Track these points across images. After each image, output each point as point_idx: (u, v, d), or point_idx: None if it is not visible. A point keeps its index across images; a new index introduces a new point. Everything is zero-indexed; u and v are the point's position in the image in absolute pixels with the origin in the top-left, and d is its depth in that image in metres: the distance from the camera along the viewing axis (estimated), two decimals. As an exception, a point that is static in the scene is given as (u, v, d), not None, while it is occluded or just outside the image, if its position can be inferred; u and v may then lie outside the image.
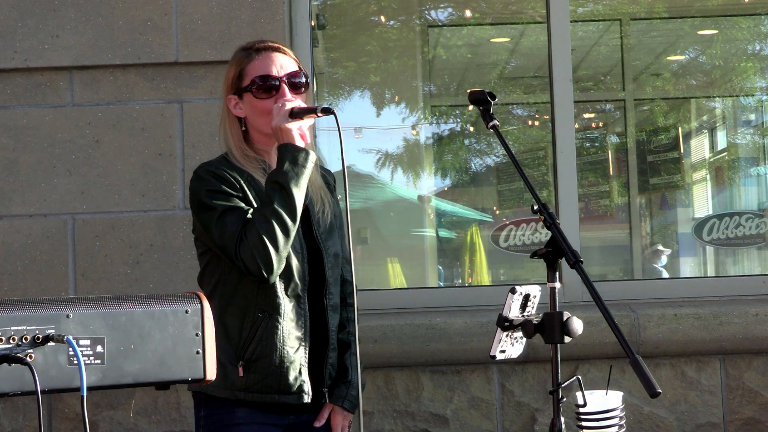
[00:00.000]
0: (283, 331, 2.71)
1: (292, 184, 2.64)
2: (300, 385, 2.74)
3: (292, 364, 2.72)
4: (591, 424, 2.34)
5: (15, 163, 4.00)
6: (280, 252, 2.63)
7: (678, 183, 7.62)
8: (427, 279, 7.53)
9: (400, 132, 7.99)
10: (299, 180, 2.66)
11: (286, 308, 2.72)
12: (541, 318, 2.37)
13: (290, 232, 2.64)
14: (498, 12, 7.56)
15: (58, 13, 4.01)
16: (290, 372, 2.72)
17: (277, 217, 2.62)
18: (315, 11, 4.70)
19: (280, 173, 2.66)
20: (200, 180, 2.74)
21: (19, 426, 3.92)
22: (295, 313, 2.74)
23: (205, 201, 2.71)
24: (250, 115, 2.80)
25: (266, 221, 2.62)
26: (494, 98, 2.61)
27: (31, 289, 3.95)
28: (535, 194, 2.44)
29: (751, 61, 7.94)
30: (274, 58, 2.81)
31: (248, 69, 2.79)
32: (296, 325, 2.74)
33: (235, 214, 2.67)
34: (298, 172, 2.66)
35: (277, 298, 2.70)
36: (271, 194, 2.65)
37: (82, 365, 1.81)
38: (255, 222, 2.63)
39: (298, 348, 2.74)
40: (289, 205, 2.64)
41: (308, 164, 2.68)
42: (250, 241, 2.61)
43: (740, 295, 4.20)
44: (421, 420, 3.98)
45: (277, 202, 2.63)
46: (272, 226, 2.61)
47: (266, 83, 2.77)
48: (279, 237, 2.62)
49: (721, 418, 4.02)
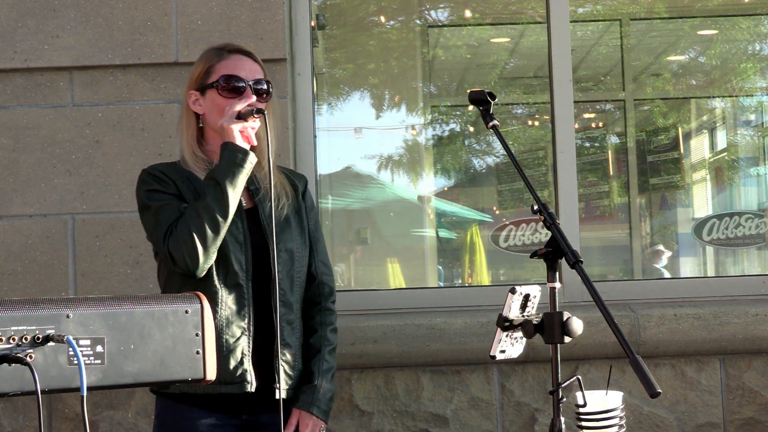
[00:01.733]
0: (220, 319, 2.72)
1: (226, 182, 2.68)
2: (242, 373, 2.73)
3: (232, 353, 2.72)
4: (591, 424, 2.34)
5: (15, 163, 4.00)
6: (208, 247, 2.67)
7: (678, 183, 7.62)
8: (427, 279, 7.53)
9: (400, 132, 7.99)
10: (235, 179, 2.69)
11: (224, 297, 2.73)
12: (541, 318, 2.36)
13: (220, 228, 2.68)
14: (498, 12, 7.56)
15: (58, 13, 4.02)
16: (230, 360, 2.72)
17: (207, 212, 2.66)
18: (315, 11, 4.70)
19: (218, 170, 2.71)
20: (141, 182, 2.84)
21: (19, 426, 3.92)
22: (237, 302, 2.75)
23: (144, 200, 2.79)
24: (208, 113, 2.85)
25: (197, 216, 2.67)
26: (494, 98, 2.61)
27: (31, 289, 3.95)
28: (535, 194, 2.44)
29: (751, 61, 7.94)
30: (244, 62, 2.86)
31: (217, 67, 2.85)
32: (238, 315, 2.74)
33: (169, 210, 2.73)
34: (235, 171, 2.70)
35: (213, 287, 2.72)
36: (206, 190, 2.70)
37: (82, 365, 1.81)
38: (186, 216, 2.69)
39: (240, 337, 2.74)
40: (222, 202, 2.67)
41: (246, 164, 2.72)
42: (179, 234, 2.67)
43: (740, 295, 4.20)
44: (421, 420, 3.98)
45: (210, 198, 2.68)
46: (201, 221, 2.66)
47: (232, 83, 2.81)
48: (207, 232, 2.65)
49: (721, 418, 4.02)
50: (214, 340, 2.03)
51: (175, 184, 2.80)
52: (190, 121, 2.89)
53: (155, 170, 2.85)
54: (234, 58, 2.87)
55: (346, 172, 7.48)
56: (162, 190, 2.79)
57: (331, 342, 2.95)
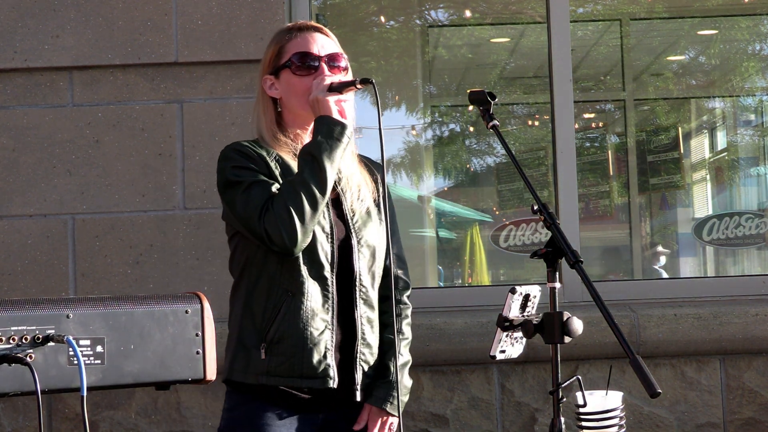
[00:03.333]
0: (306, 311, 2.60)
1: (324, 156, 2.55)
2: (325, 368, 2.61)
3: (316, 346, 2.60)
4: (591, 424, 2.34)
5: (15, 163, 4.00)
6: (306, 224, 2.54)
7: (678, 183, 7.62)
8: (427, 279, 7.53)
9: (401, 132, 7.99)
10: (333, 153, 2.57)
11: (310, 288, 2.61)
12: (541, 318, 2.36)
13: (318, 205, 2.55)
14: (498, 12, 7.56)
15: (58, 13, 4.01)
16: (314, 354, 2.60)
17: (305, 188, 2.54)
18: (315, 11, 4.70)
19: (314, 144, 2.58)
20: (226, 158, 2.68)
21: (19, 426, 3.92)
22: (322, 295, 2.63)
23: (230, 177, 2.64)
24: (285, 95, 2.72)
25: (294, 191, 2.54)
26: (494, 98, 2.61)
27: (31, 289, 3.95)
28: (535, 194, 2.44)
29: (751, 61, 7.94)
30: (315, 38, 2.74)
31: (288, 46, 2.72)
32: (322, 308, 2.63)
33: (261, 187, 2.59)
34: (332, 145, 2.57)
35: (301, 277, 2.60)
36: (302, 165, 2.57)
37: (82, 365, 1.81)
38: (283, 192, 2.56)
39: (324, 330, 2.62)
40: (320, 177, 2.55)
41: (344, 138, 2.60)
42: (276, 210, 2.53)
43: (740, 295, 4.20)
44: (421, 420, 3.98)
45: (307, 173, 2.55)
46: (300, 197, 2.53)
47: (306, 61, 2.69)
48: (306, 208, 2.53)
49: (721, 418, 4.02)
50: (213, 337, 2.03)
51: (264, 161, 2.65)
52: (267, 107, 2.74)
53: (242, 146, 2.67)
54: (304, 35, 2.73)
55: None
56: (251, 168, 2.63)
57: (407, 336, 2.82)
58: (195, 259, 3.99)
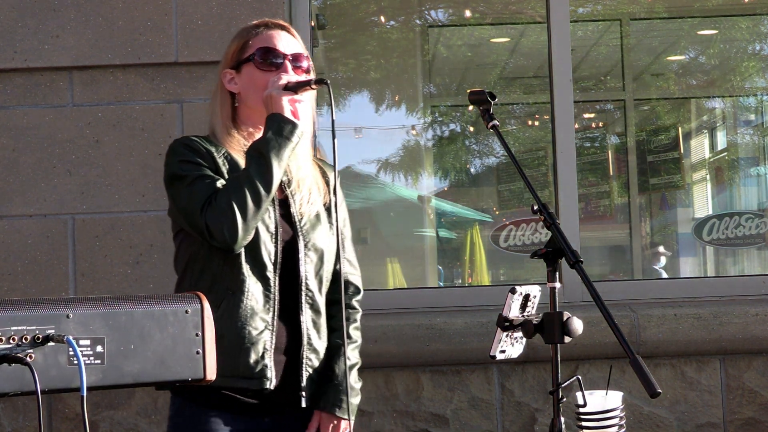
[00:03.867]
0: (245, 309, 2.58)
1: (272, 154, 2.55)
2: (261, 369, 2.59)
3: (254, 346, 2.58)
4: (591, 424, 2.34)
5: (15, 163, 4.00)
6: (248, 221, 2.53)
7: (678, 183, 7.63)
8: (427, 279, 7.54)
9: (400, 132, 8.00)
10: (281, 151, 2.56)
11: (252, 288, 2.59)
12: (541, 318, 2.36)
13: (262, 202, 2.54)
14: (498, 12, 7.57)
15: (58, 13, 4.02)
16: (251, 353, 2.58)
17: (250, 184, 2.53)
18: (315, 11, 4.70)
19: (262, 141, 2.57)
20: (173, 152, 2.67)
21: (19, 426, 3.92)
22: (263, 295, 2.61)
23: (175, 171, 2.63)
24: (244, 90, 2.71)
25: (238, 187, 2.53)
26: (494, 98, 2.61)
27: (31, 289, 3.95)
28: (535, 194, 2.44)
29: (751, 61, 7.94)
30: (281, 36, 2.74)
31: (253, 42, 2.71)
32: (263, 308, 2.61)
33: (206, 182, 2.58)
34: (281, 143, 2.56)
35: (242, 275, 2.59)
36: (249, 161, 2.56)
37: (82, 365, 1.81)
38: (227, 187, 2.55)
39: (263, 330, 2.60)
40: (265, 175, 2.54)
41: (293, 137, 2.58)
42: (218, 204, 2.52)
43: (740, 295, 4.20)
44: (421, 420, 3.98)
45: (253, 169, 2.54)
46: (243, 193, 2.52)
47: (270, 56, 2.69)
48: (249, 205, 2.52)
49: (721, 418, 4.02)
50: (213, 337, 2.03)
51: (212, 157, 2.64)
52: (224, 101, 2.72)
53: (190, 140, 2.68)
54: (270, 32, 2.74)
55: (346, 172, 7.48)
56: (197, 162, 2.62)
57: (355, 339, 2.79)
58: (195, 259, 3.99)
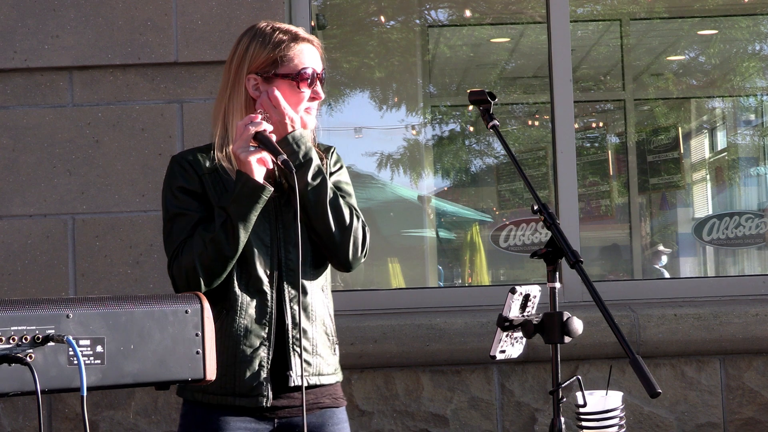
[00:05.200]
0: (239, 328, 2.59)
1: (238, 220, 2.54)
2: (257, 386, 2.59)
3: (249, 365, 2.58)
4: (591, 424, 2.34)
5: (15, 163, 4.00)
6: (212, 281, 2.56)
7: (678, 183, 7.63)
8: (427, 279, 7.53)
9: (400, 132, 7.99)
10: (248, 216, 2.55)
11: (245, 305, 2.60)
12: (541, 318, 2.36)
13: (227, 264, 2.55)
14: (498, 12, 7.56)
15: (58, 13, 4.01)
16: (246, 372, 2.58)
17: (215, 245, 2.54)
18: (315, 11, 4.70)
19: (231, 203, 2.55)
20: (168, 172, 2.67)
21: (19, 426, 3.92)
22: (259, 310, 2.61)
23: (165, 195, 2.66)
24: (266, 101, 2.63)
25: (203, 247, 2.54)
26: (494, 98, 2.61)
27: (31, 289, 3.95)
28: (535, 194, 2.44)
29: (751, 61, 7.94)
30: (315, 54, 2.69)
31: (291, 54, 2.66)
32: (258, 324, 2.60)
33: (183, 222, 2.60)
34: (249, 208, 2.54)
35: (234, 294, 2.59)
36: (217, 220, 2.57)
37: (82, 365, 1.81)
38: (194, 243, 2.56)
39: (258, 347, 2.60)
40: (231, 238, 2.54)
41: (261, 200, 2.55)
42: (183, 263, 2.56)
43: (740, 295, 4.20)
44: (421, 420, 3.98)
45: (219, 230, 2.54)
46: (208, 256, 2.54)
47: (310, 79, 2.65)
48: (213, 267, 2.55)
49: (721, 418, 4.02)
50: (213, 337, 2.03)
51: (200, 178, 2.63)
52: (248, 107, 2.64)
53: (184, 160, 2.65)
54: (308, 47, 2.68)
55: (346, 172, 7.46)
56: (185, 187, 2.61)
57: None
58: (195, 259, 3.99)
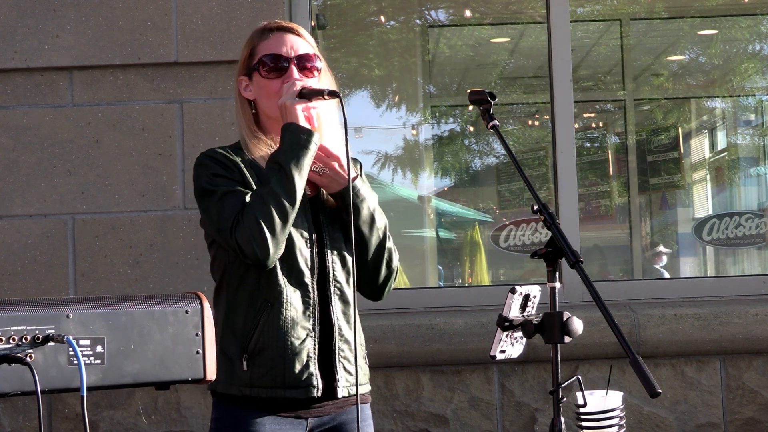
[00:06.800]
0: (286, 320, 2.60)
1: (291, 165, 2.54)
2: (307, 377, 2.60)
3: (298, 356, 2.60)
4: (591, 424, 2.34)
5: (15, 163, 4.00)
6: (277, 235, 2.53)
7: (678, 183, 7.63)
8: (427, 279, 7.53)
9: (400, 132, 7.99)
10: (300, 161, 2.55)
11: (290, 297, 2.61)
12: (541, 318, 2.36)
13: (288, 215, 2.55)
14: (498, 12, 7.56)
15: (58, 13, 4.02)
16: (295, 363, 2.59)
17: (274, 198, 2.53)
18: (315, 11, 4.70)
19: (280, 152, 2.57)
20: (201, 165, 2.68)
21: (19, 426, 3.92)
22: (302, 303, 2.62)
23: (204, 186, 2.64)
24: (258, 97, 2.72)
25: (263, 203, 2.54)
26: (494, 98, 2.61)
27: (31, 289, 3.95)
28: (535, 194, 2.44)
29: (751, 61, 7.94)
30: (286, 39, 2.72)
31: (259, 48, 2.71)
32: (303, 315, 2.62)
33: (235, 197, 2.59)
34: (299, 154, 2.55)
35: (279, 287, 2.60)
36: (270, 174, 2.57)
37: (82, 365, 1.81)
38: (252, 204, 2.55)
39: (305, 339, 2.61)
40: (288, 187, 2.54)
41: (311, 146, 2.57)
42: (246, 222, 2.53)
43: (740, 295, 4.20)
44: (421, 420, 3.98)
45: (274, 182, 2.55)
46: (269, 208, 2.53)
47: (274, 63, 2.68)
48: (276, 220, 2.52)
49: (721, 418, 4.02)
50: (213, 337, 2.03)
51: (239, 170, 2.64)
52: (244, 108, 2.73)
53: (217, 153, 2.67)
54: (275, 36, 2.72)
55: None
56: (225, 175, 2.63)
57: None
58: (195, 259, 3.99)
